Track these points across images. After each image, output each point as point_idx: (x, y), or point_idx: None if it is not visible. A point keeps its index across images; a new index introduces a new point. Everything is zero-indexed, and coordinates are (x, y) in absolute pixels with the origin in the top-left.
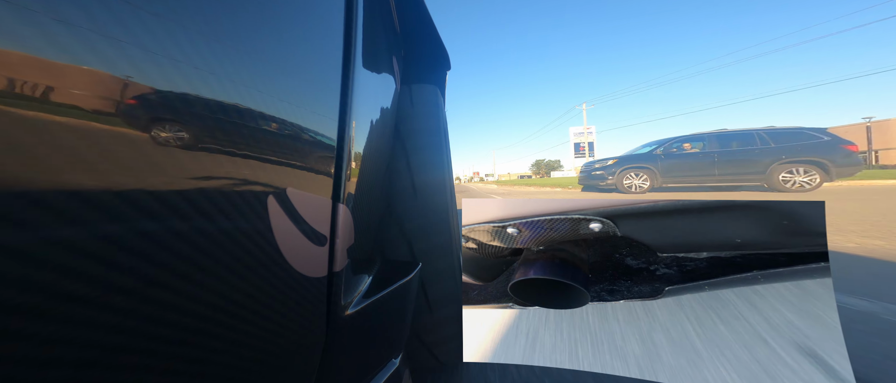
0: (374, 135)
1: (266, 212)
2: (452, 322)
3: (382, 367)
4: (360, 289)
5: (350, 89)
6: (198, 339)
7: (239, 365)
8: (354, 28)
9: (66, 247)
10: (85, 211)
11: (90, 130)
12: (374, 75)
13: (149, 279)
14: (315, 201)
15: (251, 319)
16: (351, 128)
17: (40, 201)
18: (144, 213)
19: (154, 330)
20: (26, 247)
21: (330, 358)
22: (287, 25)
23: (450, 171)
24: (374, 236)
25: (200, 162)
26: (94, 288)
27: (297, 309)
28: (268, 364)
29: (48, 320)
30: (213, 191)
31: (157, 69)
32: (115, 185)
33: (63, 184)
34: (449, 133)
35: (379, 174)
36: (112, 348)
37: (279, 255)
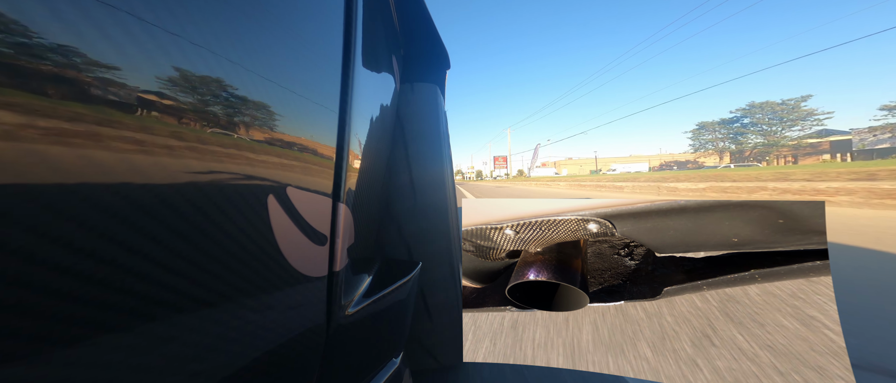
0: (374, 135)
1: (266, 212)
2: (452, 322)
3: (382, 367)
4: (361, 289)
5: (350, 88)
6: (198, 339)
7: (239, 364)
8: (354, 27)
9: (66, 246)
10: (84, 210)
11: (90, 130)
12: (373, 74)
13: (148, 278)
14: (315, 200)
15: (251, 318)
16: (351, 127)
17: (40, 201)
18: (145, 212)
19: (153, 330)
20: (26, 246)
21: (330, 357)
22: (287, 25)
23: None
24: (375, 236)
25: (200, 161)
26: (92, 287)
27: (298, 309)
28: (268, 363)
29: (48, 320)
30: (213, 191)
31: (156, 68)
32: (113, 184)
33: (63, 184)
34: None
35: (379, 173)
36: (109, 346)
37: (279, 255)
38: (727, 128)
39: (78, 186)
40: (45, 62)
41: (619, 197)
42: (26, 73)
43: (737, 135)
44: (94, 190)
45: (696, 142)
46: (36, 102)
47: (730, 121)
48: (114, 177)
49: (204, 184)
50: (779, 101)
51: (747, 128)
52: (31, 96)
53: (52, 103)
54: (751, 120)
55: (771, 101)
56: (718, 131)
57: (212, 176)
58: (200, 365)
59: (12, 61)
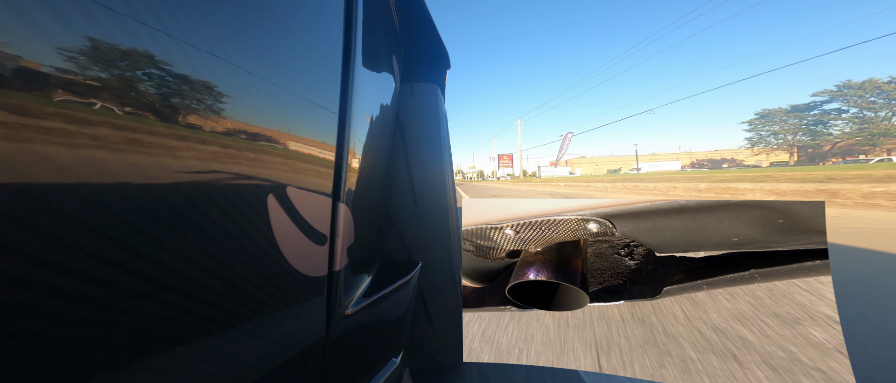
0: (375, 135)
1: (266, 212)
2: (452, 322)
3: (382, 366)
4: (360, 289)
5: (350, 88)
6: (197, 339)
7: (239, 364)
8: (354, 27)
9: (66, 246)
10: (83, 210)
11: (90, 130)
12: (374, 74)
13: (148, 278)
14: (315, 200)
15: (251, 318)
16: (351, 127)
17: (40, 201)
18: (145, 212)
19: (153, 329)
20: (26, 246)
21: (330, 357)
22: (287, 25)
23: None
24: (375, 236)
25: (201, 161)
26: (91, 287)
27: (298, 309)
28: (268, 363)
29: (47, 319)
30: (213, 191)
31: (156, 68)
32: (113, 184)
33: (62, 184)
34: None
35: (379, 173)
36: (109, 347)
37: (279, 254)
38: (801, 116)
39: (78, 186)
40: (45, 62)
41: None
42: (26, 73)
43: (816, 124)
44: (94, 189)
45: (754, 135)
46: (36, 102)
47: (806, 108)
48: (114, 177)
49: (204, 184)
50: (886, 79)
51: (830, 116)
52: (31, 96)
53: (52, 103)
54: (841, 104)
55: (875, 79)
56: (786, 121)
57: (212, 176)
58: (200, 364)
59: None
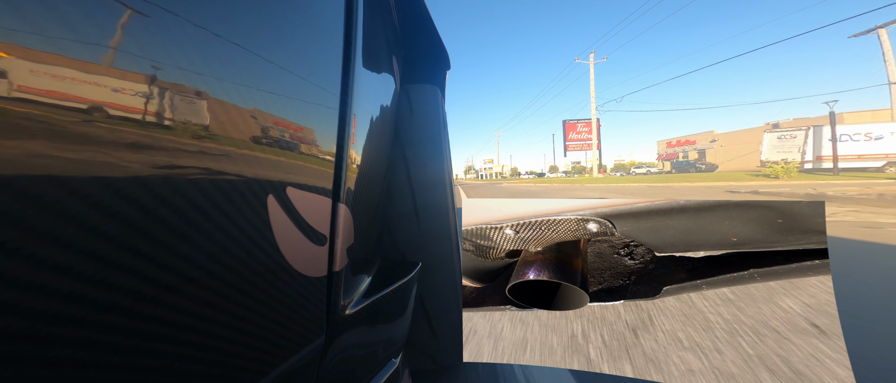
0: (374, 135)
1: (266, 212)
2: (452, 322)
3: (382, 367)
4: (360, 289)
5: (350, 89)
6: (197, 338)
7: (239, 364)
8: (354, 28)
9: (66, 246)
10: (83, 209)
11: (90, 130)
12: (373, 75)
13: (148, 278)
14: (315, 201)
15: (251, 318)
16: (351, 127)
17: (39, 200)
18: (145, 212)
19: (152, 329)
20: (25, 246)
21: (330, 357)
22: (287, 25)
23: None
24: (374, 236)
25: (201, 161)
26: (91, 287)
27: (297, 309)
28: (268, 363)
29: (47, 319)
30: (213, 190)
31: (156, 68)
32: (113, 184)
33: (62, 184)
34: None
35: (379, 174)
36: (109, 347)
37: (279, 255)
38: None
39: (78, 186)
40: (45, 62)
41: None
42: (26, 73)
43: None
44: (94, 189)
45: None
46: (36, 102)
47: None
48: (114, 177)
49: (204, 183)
50: None
51: None
52: (31, 96)
53: (52, 103)
54: None
55: None
56: None
57: (212, 175)
58: (200, 364)
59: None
